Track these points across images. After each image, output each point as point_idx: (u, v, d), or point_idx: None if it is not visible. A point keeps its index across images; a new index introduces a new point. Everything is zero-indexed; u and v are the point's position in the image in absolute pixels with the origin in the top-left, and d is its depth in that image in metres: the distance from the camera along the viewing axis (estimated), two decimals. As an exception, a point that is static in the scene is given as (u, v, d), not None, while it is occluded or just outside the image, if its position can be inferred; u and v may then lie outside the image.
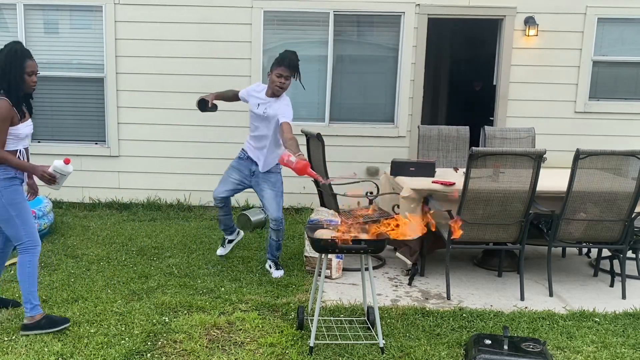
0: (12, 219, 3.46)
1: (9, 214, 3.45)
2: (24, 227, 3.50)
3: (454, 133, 5.94)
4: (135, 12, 6.83)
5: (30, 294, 3.54)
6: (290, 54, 4.44)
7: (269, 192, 4.64)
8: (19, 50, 3.43)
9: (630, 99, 7.05)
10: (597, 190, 4.27)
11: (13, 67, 3.40)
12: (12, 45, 3.44)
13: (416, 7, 6.82)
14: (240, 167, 4.72)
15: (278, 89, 4.47)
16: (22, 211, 3.50)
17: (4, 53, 3.42)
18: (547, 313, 4.04)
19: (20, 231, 3.50)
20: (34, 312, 3.55)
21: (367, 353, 3.38)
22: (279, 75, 4.42)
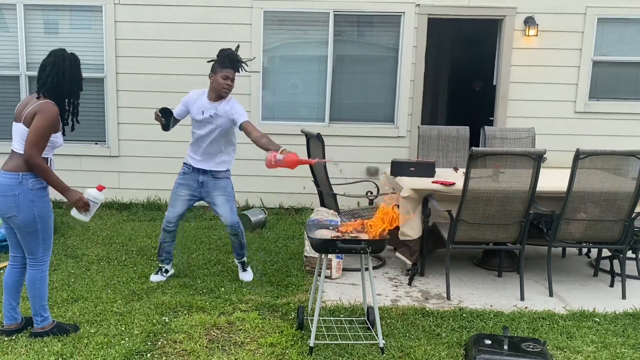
0: (36, 233, 3.27)
1: (36, 226, 3.26)
2: (44, 242, 3.33)
3: (454, 133, 5.94)
4: (135, 12, 6.84)
5: (41, 307, 3.44)
6: (230, 52, 4.27)
7: (221, 198, 4.41)
8: (78, 60, 3.38)
9: (630, 99, 7.05)
10: (597, 190, 4.27)
11: (75, 75, 3.33)
12: (69, 54, 3.33)
13: (416, 7, 6.82)
14: (186, 181, 4.43)
15: (225, 92, 4.27)
16: (48, 225, 3.33)
17: (65, 60, 3.29)
18: (547, 313, 4.04)
19: (39, 246, 3.32)
20: (44, 323, 3.48)
21: (367, 353, 3.38)
22: (225, 77, 4.22)
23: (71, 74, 3.30)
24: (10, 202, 3.19)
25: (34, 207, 3.23)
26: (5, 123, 7.12)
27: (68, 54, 3.33)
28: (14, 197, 3.18)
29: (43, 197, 3.27)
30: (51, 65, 3.28)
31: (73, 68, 3.32)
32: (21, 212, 3.20)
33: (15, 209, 3.20)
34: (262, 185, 7.05)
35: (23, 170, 3.20)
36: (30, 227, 3.25)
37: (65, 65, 3.28)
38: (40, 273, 3.38)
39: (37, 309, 3.43)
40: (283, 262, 5.06)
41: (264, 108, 7.08)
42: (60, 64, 3.27)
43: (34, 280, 3.38)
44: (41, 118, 3.16)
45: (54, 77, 3.25)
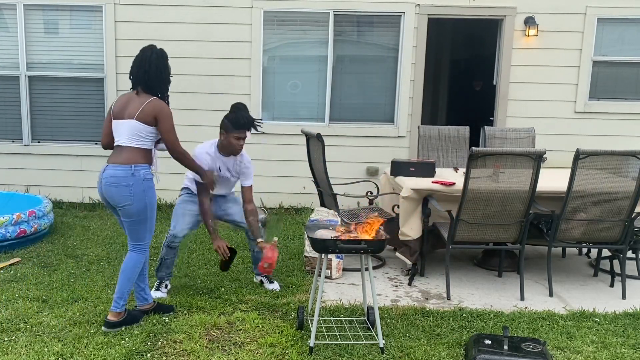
0: (146, 221, 3.51)
1: (146, 214, 3.50)
2: (150, 230, 3.58)
3: (454, 133, 5.94)
4: (135, 12, 6.84)
5: (127, 292, 3.57)
6: (245, 113, 4.11)
7: (236, 207, 4.37)
8: (165, 53, 3.59)
9: (630, 99, 7.05)
10: (597, 190, 4.27)
11: (167, 71, 3.56)
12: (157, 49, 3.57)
13: (416, 7, 6.82)
14: (193, 199, 4.27)
15: (238, 152, 4.19)
16: (154, 214, 3.58)
17: (153, 56, 3.52)
18: (547, 313, 4.04)
19: (147, 234, 3.56)
20: (123, 308, 3.58)
21: (367, 353, 3.38)
22: (238, 138, 4.08)
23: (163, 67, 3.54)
24: (125, 191, 3.41)
25: (146, 196, 3.46)
26: (5, 123, 7.13)
27: (152, 48, 3.58)
28: (129, 187, 3.41)
29: (152, 187, 3.51)
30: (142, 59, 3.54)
31: (161, 61, 3.54)
32: (135, 201, 3.43)
33: (129, 198, 3.42)
34: (262, 185, 7.05)
35: (135, 162, 3.44)
36: (142, 215, 3.48)
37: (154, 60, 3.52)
38: (143, 258, 3.61)
39: (124, 292, 3.56)
40: (283, 262, 5.06)
41: (264, 108, 7.08)
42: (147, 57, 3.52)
43: (135, 263, 3.57)
44: (166, 117, 3.45)
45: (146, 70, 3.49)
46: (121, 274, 3.56)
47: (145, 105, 3.43)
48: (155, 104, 3.46)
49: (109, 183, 3.45)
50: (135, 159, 3.46)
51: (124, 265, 3.57)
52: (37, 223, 5.40)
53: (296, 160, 6.95)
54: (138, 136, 3.46)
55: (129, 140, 3.47)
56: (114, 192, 3.44)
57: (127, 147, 3.47)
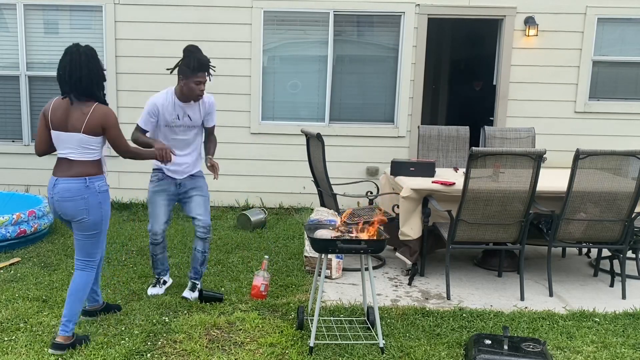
0: (100, 235, 3.40)
1: (102, 227, 3.39)
2: (102, 244, 3.46)
3: (454, 133, 5.94)
4: (135, 12, 6.84)
5: (77, 313, 3.37)
6: (200, 55, 3.94)
7: (199, 198, 4.13)
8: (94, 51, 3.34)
9: (630, 99, 7.05)
10: (597, 190, 4.27)
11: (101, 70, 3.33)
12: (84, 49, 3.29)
13: (416, 7, 6.82)
14: (163, 187, 4.13)
15: (199, 97, 4.00)
16: (107, 227, 3.45)
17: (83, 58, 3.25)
18: (547, 313, 4.04)
19: (99, 248, 3.43)
20: (72, 332, 3.36)
21: (367, 353, 3.38)
22: (198, 82, 3.91)
23: (96, 67, 3.29)
24: (80, 205, 3.29)
25: (102, 208, 3.35)
26: (5, 123, 7.13)
27: (79, 48, 3.29)
28: (84, 200, 3.29)
29: (108, 199, 3.39)
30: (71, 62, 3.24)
31: (92, 61, 3.28)
32: (91, 214, 3.31)
33: (85, 211, 3.30)
34: (262, 185, 7.06)
35: (89, 174, 3.31)
36: (97, 228, 3.36)
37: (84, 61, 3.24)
38: (91, 277, 3.43)
39: (74, 315, 3.35)
40: (283, 262, 5.06)
41: (264, 108, 7.08)
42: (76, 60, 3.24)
43: (85, 284, 3.40)
44: (112, 124, 3.30)
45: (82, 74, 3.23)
46: (70, 297, 3.34)
47: (89, 116, 3.24)
48: (99, 113, 3.26)
49: (63, 198, 3.28)
50: (88, 171, 3.31)
51: (74, 287, 3.36)
52: (37, 223, 5.40)
53: (296, 160, 6.96)
54: (88, 149, 3.30)
55: (80, 154, 3.30)
56: (69, 206, 3.29)
57: (77, 161, 3.31)
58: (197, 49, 3.96)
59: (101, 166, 3.40)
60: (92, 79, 3.27)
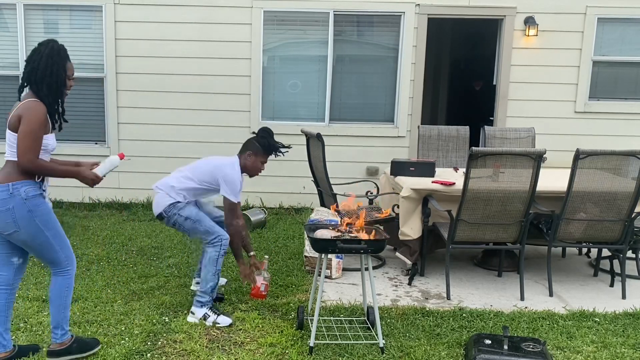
0: (48, 241, 2.96)
1: (45, 235, 2.94)
2: (62, 248, 3.03)
3: (454, 133, 5.94)
4: (135, 12, 6.84)
5: (63, 319, 3.14)
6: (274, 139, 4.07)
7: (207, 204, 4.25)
8: (62, 50, 2.99)
9: (630, 99, 7.05)
10: (597, 190, 4.27)
11: (55, 69, 2.94)
12: (52, 44, 2.97)
13: (416, 7, 6.82)
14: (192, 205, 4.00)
15: (254, 175, 4.11)
16: (57, 230, 3.00)
17: (44, 53, 2.93)
18: (547, 313, 4.04)
19: (59, 254, 3.02)
20: (64, 337, 3.18)
21: (367, 353, 3.38)
22: (264, 162, 4.05)
23: (47, 64, 2.92)
24: (6, 217, 2.87)
25: (34, 217, 2.91)
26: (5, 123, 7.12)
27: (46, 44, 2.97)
28: (9, 212, 2.86)
29: (40, 203, 2.94)
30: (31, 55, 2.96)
31: (50, 58, 2.93)
32: (21, 226, 2.89)
33: (13, 224, 2.88)
34: (262, 185, 7.05)
35: (13, 179, 2.88)
36: (38, 239, 2.94)
37: (42, 56, 2.92)
38: (67, 280, 3.11)
39: (60, 321, 3.13)
40: (283, 262, 5.06)
41: (264, 108, 7.08)
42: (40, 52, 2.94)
43: (60, 289, 3.09)
44: (27, 119, 2.84)
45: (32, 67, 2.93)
46: (50, 304, 3.11)
47: (15, 110, 2.90)
48: (24, 105, 2.88)
49: None
50: (14, 175, 2.87)
51: (50, 293, 3.10)
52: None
53: (296, 160, 6.94)
54: (13, 148, 2.89)
55: (10, 154, 2.90)
56: None
57: (9, 162, 2.91)
58: (271, 133, 4.07)
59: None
60: (46, 75, 2.91)
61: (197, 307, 3.79)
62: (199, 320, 3.76)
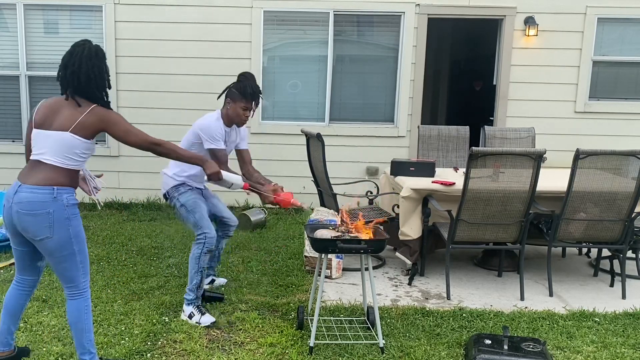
0: (74, 255, 2.84)
1: (73, 248, 2.82)
2: (83, 265, 2.89)
3: (454, 133, 5.94)
4: (135, 12, 6.84)
5: (88, 342, 2.96)
6: (253, 83, 3.95)
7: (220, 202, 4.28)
8: (99, 51, 2.92)
9: (630, 99, 7.05)
10: (597, 190, 4.27)
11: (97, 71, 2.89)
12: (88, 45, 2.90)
13: (416, 7, 6.82)
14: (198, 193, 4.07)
15: (242, 124, 4.01)
16: (84, 246, 2.89)
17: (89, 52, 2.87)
18: (547, 313, 4.04)
19: (79, 271, 2.88)
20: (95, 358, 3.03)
21: (367, 353, 3.38)
22: (245, 108, 3.91)
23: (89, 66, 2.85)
24: (43, 221, 2.74)
25: (70, 225, 2.80)
26: (5, 123, 7.13)
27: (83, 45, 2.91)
28: (48, 216, 2.74)
29: (77, 214, 2.84)
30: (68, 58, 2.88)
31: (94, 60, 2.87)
32: (56, 232, 2.76)
33: (49, 229, 2.75)
34: (262, 185, 7.04)
35: (57, 183, 2.77)
36: (66, 250, 2.81)
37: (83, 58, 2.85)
38: (85, 301, 2.93)
39: (86, 345, 2.95)
40: (283, 262, 5.06)
41: (264, 108, 7.08)
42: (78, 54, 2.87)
43: (79, 310, 2.92)
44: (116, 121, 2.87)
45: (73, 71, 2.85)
46: (72, 328, 2.95)
47: (85, 114, 2.79)
48: (97, 112, 2.83)
49: (24, 210, 2.74)
50: (58, 179, 2.78)
51: (70, 318, 2.94)
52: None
53: (296, 160, 6.95)
54: (69, 153, 2.79)
55: (55, 157, 2.78)
56: (29, 222, 2.74)
57: (46, 165, 2.79)
58: (252, 77, 3.97)
59: (76, 180, 2.90)
60: (91, 77, 2.85)
61: (185, 305, 3.82)
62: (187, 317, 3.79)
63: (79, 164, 2.86)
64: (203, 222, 3.87)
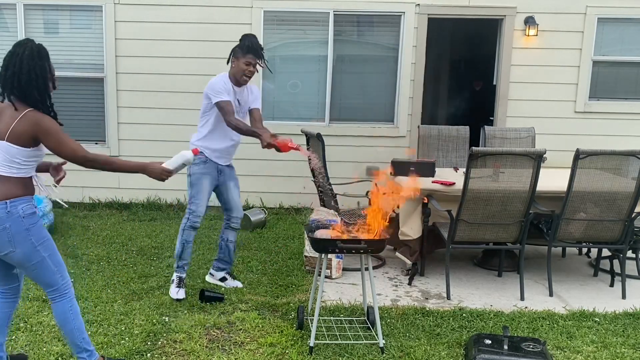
0: (44, 262, 2.79)
1: (41, 255, 2.77)
2: (57, 268, 2.85)
3: (454, 133, 5.94)
4: (135, 12, 6.83)
5: (82, 341, 2.95)
6: (255, 39, 4.09)
7: (237, 190, 4.30)
8: (42, 50, 2.85)
9: (630, 99, 7.05)
10: (597, 190, 4.27)
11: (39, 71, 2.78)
12: (30, 44, 2.83)
13: (416, 7, 6.82)
14: (209, 170, 4.15)
15: (246, 79, 4.11)
16: (53, 250, 2.84)
17: (24, 54, 2.77)
18: (547, 313, 4.04)
19: (55, 274, 2.84)
20: (92, 358, 3.00)
21: (367, 353, 3.38)
22: (248, 63, 4.04)
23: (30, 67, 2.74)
24: (1, 237, 2.68)
25: (30, 236, 2.73)
26: (5, 123, 7.12)
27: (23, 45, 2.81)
28: (5, 231, 2.68)
29: (36, 222, 2.77)
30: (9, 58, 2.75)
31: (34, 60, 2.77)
32: (17, 245, 2.71)
33: (9, 244, 2.70)
34: (262, 185, 7.05)
35: (8, 195, 2.68)
36: (34, 259, 2.76)
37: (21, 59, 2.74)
38: (69, 302, 2.91)
39: (80, 344, 2.94)
40: (283, 262, 5.06)
41: (264, 108, 7.06)
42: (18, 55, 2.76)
43: (65, 312, 2.89)
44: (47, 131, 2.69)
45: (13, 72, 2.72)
46: (62, 330, 2.95)
47: (17, 121, 2.65)
48: (30, 118, 2.66)
49: None
50: (9, 191, 2.68)
51: (57, 320, 2.92)
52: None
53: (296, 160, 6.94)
54: (10, 162, 2.68)
55: (4, 168, 2.69)
56: None
57: (1, 177, 2.70)
58: (253, 35, 4.16)
59: (31, 187, 2.81)
60: (32, 77, 2.71)
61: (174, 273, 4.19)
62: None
63: (26, 171, 2.75)
64: (196, 198, 4.05)
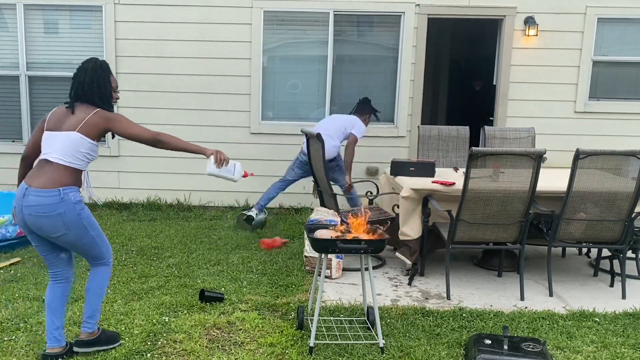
0: (93, 240, 3.16)
1: (90, 235, 3.13)
2: (103, 244, 3.24)
3: (454, 133, 5.94)
4: (135, 12, 6.84)
5: (97, 308, 3.29)
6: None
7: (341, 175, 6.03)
8: (104, 64, 3.21)
9: (630, 99, 7.05)
10: (597, 190, 4.27)
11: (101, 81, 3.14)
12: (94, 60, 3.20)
13: (416, 7, 6.82)
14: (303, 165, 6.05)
15: None
16: (99, 228, 3.23)
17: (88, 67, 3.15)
18: (547, 313, 4.04)
19: (103, 248, 3.24)
20: (95, 327, 3.30)
21: (367, 353, 3.38)
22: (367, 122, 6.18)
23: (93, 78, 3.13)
24: (57, 221, 3.00)
25: (82, 219, 3.07)
26: (5, 123, 7.13)
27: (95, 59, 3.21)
28: (61, 216, 3.00)
29: (84, 207, 3.11)
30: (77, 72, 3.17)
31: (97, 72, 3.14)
32: (71, 228, 3.04)
33: (64, 226, 3.02)
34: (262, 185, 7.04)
35: (61, 183, 3.01)
36: (85, 238, 3.12)
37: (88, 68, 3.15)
38: (110, 269, 3.32)
39: (95, 309, 3.28)
40: (283, 262, 5.06)
41: (264, 108, 7.08)
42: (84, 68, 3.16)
43: (103, 277, 3.28)
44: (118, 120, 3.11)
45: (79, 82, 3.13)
46: (88, 292, 3.27)
47: (90, 116, 3.05)
48: (101, 114, 3.09)
49: (36, 213, 2.99)
50: (63, 180, 3.02)
51: (91, 283, 3.27)
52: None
53: (296, 160, 6.95)
54: (75, 151, 3.04)
55: (62, 156, 3.03)
56: (44, 223, 3.00)
57: (55, 165, 3.03)
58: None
59: (80, 180, 3.15)
60: (94, 85, 3.11)
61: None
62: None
63: (83, 164, 3.11)
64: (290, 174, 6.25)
